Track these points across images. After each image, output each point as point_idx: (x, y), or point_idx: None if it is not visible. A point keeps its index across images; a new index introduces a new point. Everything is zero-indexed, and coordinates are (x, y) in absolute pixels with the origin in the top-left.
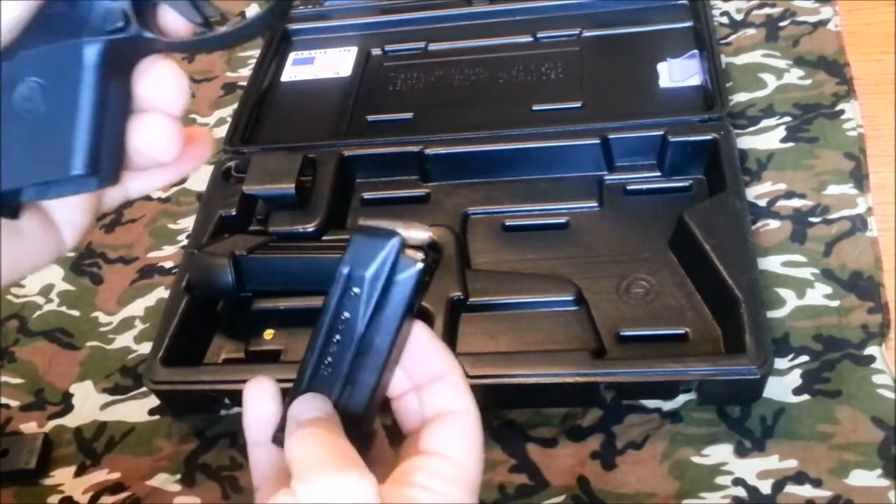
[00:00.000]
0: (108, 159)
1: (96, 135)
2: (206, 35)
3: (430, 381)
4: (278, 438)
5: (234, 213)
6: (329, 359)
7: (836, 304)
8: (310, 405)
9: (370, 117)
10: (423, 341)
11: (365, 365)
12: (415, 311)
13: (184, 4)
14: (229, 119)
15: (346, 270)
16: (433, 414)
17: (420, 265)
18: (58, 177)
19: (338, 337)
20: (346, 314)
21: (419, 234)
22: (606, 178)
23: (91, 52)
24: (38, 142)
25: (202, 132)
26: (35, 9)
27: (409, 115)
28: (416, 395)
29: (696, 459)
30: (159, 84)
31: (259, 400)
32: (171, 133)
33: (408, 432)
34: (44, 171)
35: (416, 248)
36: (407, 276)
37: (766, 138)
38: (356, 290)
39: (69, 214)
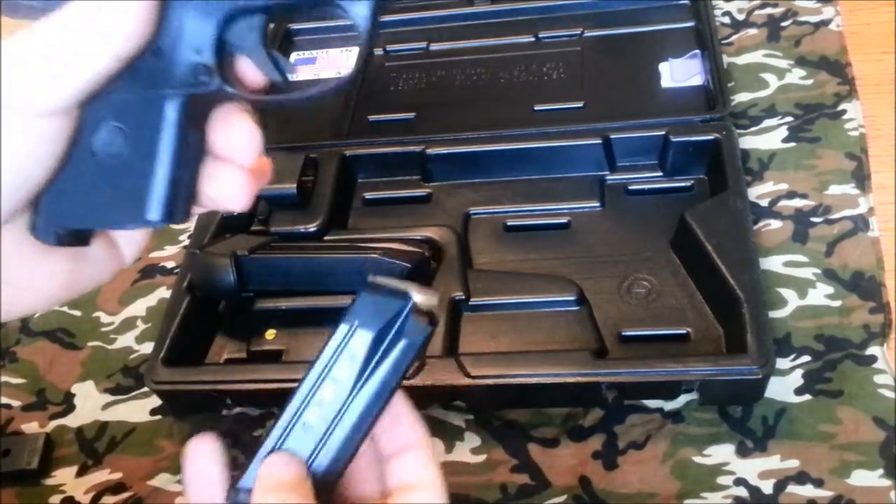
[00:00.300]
0: (182, 204)
1: (173, 183)
2: (289, 95)
3: (398, 451)
4: (237, 498)
5: (235, 213)
6: (310, 417)
7: (837, 304)
8: (284, 467)
9: (372, 117)
10: (399, 409)
11: (347, 430)
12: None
13: (265, 62)
14: None
15: (348, 327)
16: (398, 485)
17: (428, 332)
18: (133, 221)
19: (325, 395)
20: (340, 374)
21: (430, 299)
22: (608, 177)
23: (173, 104)
24: (115, 185)
25: (265, 164)
26: (123, 62)
27: (410, 115)
28: (371, 460)
29: (697, 459)
30: (233, 136)
31: (202, 461)
32: (243, 185)
33: (357, 498)
34: (119, 214)
35: (424, 312)
36: (411, 342)
37: (767, 138)
38: (356, 350)
39: (130, 233)
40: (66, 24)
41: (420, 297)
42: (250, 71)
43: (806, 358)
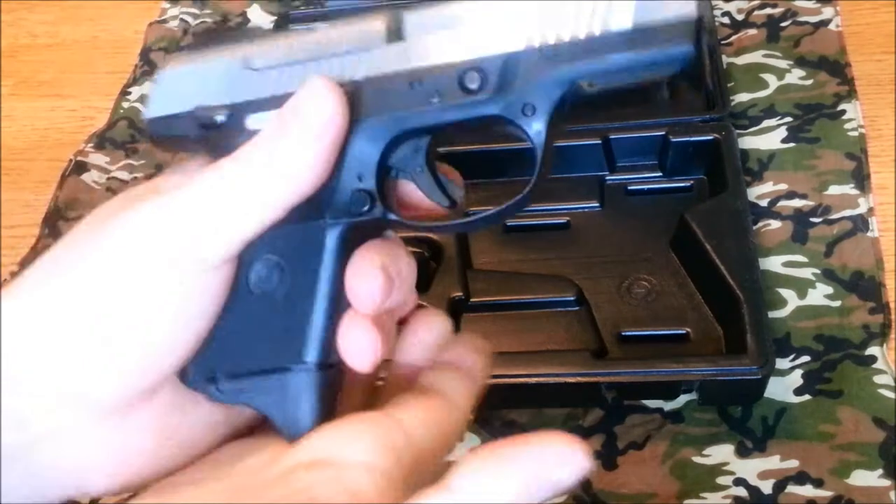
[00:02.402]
0: (335, 347)
1: (330, 320)
2: (458, 221)
3: (441, 365)
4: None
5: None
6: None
7: (837, 304)
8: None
9: None
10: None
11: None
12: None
13: (431, 185)
14: None
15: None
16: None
17: None
18: (287, 364)
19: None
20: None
21: None
22: (608, 178)
23: (333, 234)
24: (270, 324)
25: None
26: (296, 204)
27: None
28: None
29: (697, 459)
30: (355, 277)
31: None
32: (370, 341)
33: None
34: (273, 356)
35: None
36: None
37: (767, 138)
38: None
39: None
40: (236, 170)
41: None
42: (416, 197)
43: (805, 358)
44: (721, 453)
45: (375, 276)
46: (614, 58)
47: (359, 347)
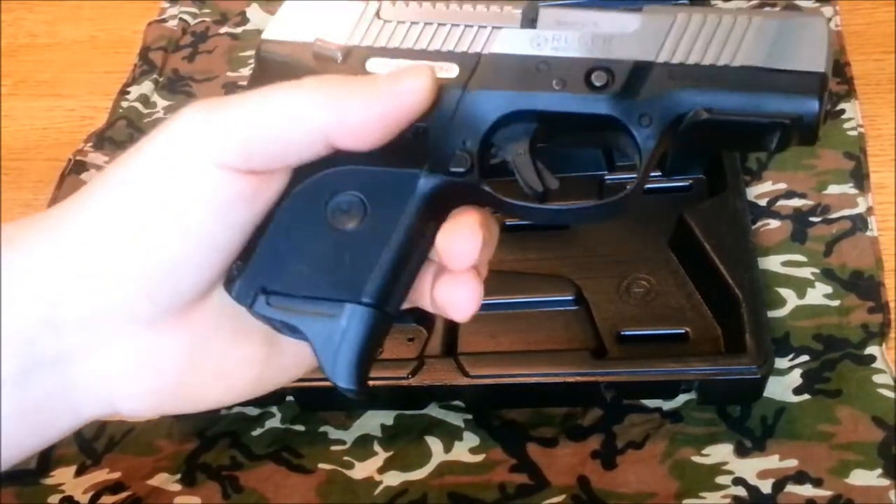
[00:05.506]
0: (397, 296)
1: (397, 269)
2: (545, 206)
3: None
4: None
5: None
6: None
7: (836, 303)
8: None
9: None
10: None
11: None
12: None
13: (528, 169)
14: None
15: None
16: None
17: None
18: (344, 298)
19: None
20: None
21: None
22: (607, 177)
23: (425, 186)
24: (336, 257)
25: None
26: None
27: None
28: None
29: (696, 459)
30: (454, 234)
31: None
32: (472, 293)
33: None
34: (330, 287)
35: None
36: None
37: None
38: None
39: None
40: (308, 87)
41: None
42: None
43: (805, 357)
44: (720, 453)
45: (476, 236)
46: (737, 93)
47: (463, 296)
